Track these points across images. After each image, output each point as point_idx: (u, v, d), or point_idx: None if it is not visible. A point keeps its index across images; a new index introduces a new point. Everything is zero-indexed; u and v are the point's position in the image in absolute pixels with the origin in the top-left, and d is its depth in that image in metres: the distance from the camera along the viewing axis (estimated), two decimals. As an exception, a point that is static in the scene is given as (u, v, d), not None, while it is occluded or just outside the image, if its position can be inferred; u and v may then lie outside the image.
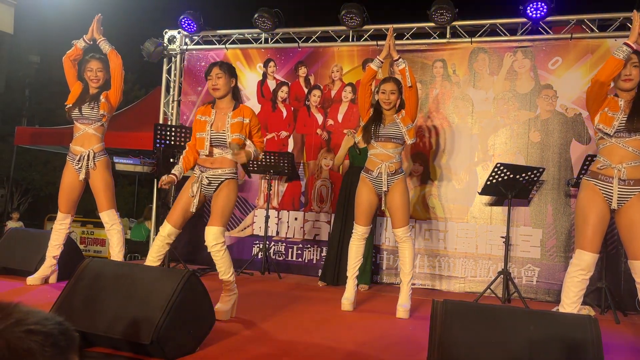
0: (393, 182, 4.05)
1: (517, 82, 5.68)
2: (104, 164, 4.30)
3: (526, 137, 5.59)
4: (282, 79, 6.52)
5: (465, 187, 5.73)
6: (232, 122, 3.56)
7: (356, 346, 3.17)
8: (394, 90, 4.06)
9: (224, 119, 3.58)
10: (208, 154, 3.58)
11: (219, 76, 3.58)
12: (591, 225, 3.20)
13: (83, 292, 2.83)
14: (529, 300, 4.94)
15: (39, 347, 0.82)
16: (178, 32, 6.88)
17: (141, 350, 2.62)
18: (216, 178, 3.57)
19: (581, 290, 3.26)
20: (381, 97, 4.08)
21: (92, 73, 4.26)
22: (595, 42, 5.48)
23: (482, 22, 5.82)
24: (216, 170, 3.57)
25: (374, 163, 4.07)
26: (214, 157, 3.58)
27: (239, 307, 3.71)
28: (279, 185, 6.39)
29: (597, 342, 2.19)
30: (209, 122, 3.58)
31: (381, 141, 4.05)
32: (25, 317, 0.84)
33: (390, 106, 4.07)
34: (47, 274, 4.34)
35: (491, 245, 5.58)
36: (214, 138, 3.56)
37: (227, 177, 3.58)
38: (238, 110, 3.62)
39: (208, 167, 3.58)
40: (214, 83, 3.58)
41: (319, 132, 6.32)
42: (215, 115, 3.61)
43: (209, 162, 3.58)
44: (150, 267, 3.30)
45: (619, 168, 3.18)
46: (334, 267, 5.46)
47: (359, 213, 4.17)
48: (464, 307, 2.50)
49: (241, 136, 3.56)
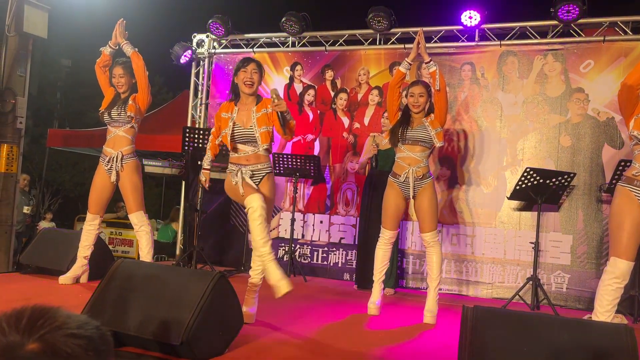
0: (421, 186, 4.01)
1: (547, 86, 5.59)
2: (133, 166, 4.37)
3: (556, 142, 5.50)
4: (309, 83, 6.54)
5: (493, 191, 5.66)
6: (258, 115, 3.53)
7: (384, 352, 3.15)
8: (422, 93, 4.03)
9: (249, 114, 3.56)
10: (235, 150, 3.57)
11: (255, 72, 3.55)
12: (626, 232, 3.13)
13: (114, 292, 2.87)
14: (558, 308, 4.85)
15: (82, 352, 0.83)
16: (206, 36, 6.96)
17: (171, 351, 2.65)
18: (257, 172, 3.55)
19: (615, 299, 3.19)
20: (410, 100, 4.06)
21: (116, 79, 4.37)
22: (628, 45, 5.37)
23: (511, 25, 5.76)
24: (255, 166, 3.55)
25: (402, 167, 4.03)
26: (249, 155, 3.55)
27: (265, 310, 3.72)
28: (305, 188, 6.40)
29: (633, 352, 2.13)
30: (232, 118, 3.56)
31: (409, 144, 4.02)
32: (67, 321, 0.85)
33: (419, 109, 4.04)
34: (79, 273, 4.42)
35: (519, 251, 5.50)
36: (239, 134, 3.53)
37: (267, 171, 3.58)
38: (261, 103, 3.60)
39: (244, 164, 3.55)
40: (250, 77, 3.52)
41: (345, 136, 6.32)
42: (238, 112, 3.58)
43: (244, 159, 3.56)
44: (180, 269, 3.34)
45: None
46: (361, 271, 5.45)
47: (387, 217, 4.13)
48: (495, 313, 2.46)
49: (269, 128, 3.54)
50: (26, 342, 0.81)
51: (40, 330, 0.82)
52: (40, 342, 0.81)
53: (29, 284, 4.33)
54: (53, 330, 0.82)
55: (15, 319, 0.84)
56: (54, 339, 0.82)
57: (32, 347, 0.81)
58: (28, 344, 0.81)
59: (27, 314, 0.84)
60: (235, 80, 3.59)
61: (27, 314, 0.84)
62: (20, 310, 0.85)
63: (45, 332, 0.82)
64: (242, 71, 3.55)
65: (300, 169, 5.95)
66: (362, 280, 5.40)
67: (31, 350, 0.80)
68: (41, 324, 0.83)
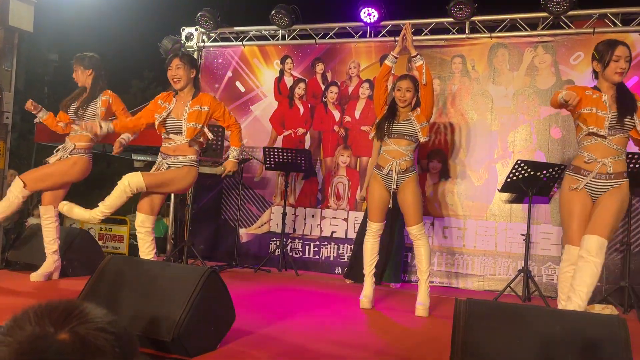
0: (404, 180, 4.01)
1: (537, 78, 5.60)
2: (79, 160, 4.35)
3: (547, 134, 5.51)
4: (299, 76, 6.50)
5: (484, 184, 5.67)
6: (190, 110, 3.69)
7: (378, 345, 3.15)
8: (409, 87, 4.02)
9: (184, 107, 3.71)
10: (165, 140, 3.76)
11: (179, 67, 3.68)
12: (576, 219, 3.24)
13: (104, 288, 2.84)
14: (549, 299, 4.86)
15: (110, 346, 0.85)
16: (195, 29, 6.89)
17: (162, 347, 2.63)
18: (177, 164, 3.72)
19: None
20: (397, 94, 4.04)
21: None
22: (618, 37, 5.35)
23: (501, 17, 5.74)
24: (177, 158, 3.71)
25: (386, 160, 4.04)
26: (176, 145, 3.72)
27: (259, 303, 3.70)
28: (296, 182, 6.38)
29: (626, 343, 2.14)
30: (168, 109, 3.72)
31: (394, 138, 4.02)
32: (99, 316, 0.88)
33: (406, 104, 4.04)
34: (51, 270, 4.35)
35: (511, 243, 5.51)
36: (170, 124, 3.72)
37: (187, 164, 3.72)
38: (196, 99, 3.74)
39: (170, 155, 3.73)
40: (175, 73, 3.68)
41: (336, 129, 6.29)
42: (176, 104, 3.74)
43: (171, 149, 3.74)
44: (171, 264, 3.32)
45: (605, 162, 3.21)
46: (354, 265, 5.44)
47: (372, 209, 4.14)
48: (487, 306, 2.46)
49: (197, 125, 3.68)
50: (58, 332, 0.83)
51: (72, 322, 0.85)
52: (71, 333, 0.84)
53: (18, 281, 4.28)
54: (84, 323, 0.85)
55: (49, 310, 0.87)
56: (84, 332, 0.85)
57: (63, 337, 0.83)
58: (60, 334, 0.83)
59: (61, 306, 0.88)
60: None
61: (62, 306, 0.88)
62: (55, 303, 0.89)
63: (76, 324, 0.85)
64: (168, 69, 3.74)
65: (291, 163, 5.92)
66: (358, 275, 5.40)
67: (62, 341, 0.83)
68: (73, 317, 0.86)
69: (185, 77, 3.69)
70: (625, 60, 3.24)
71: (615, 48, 3.25)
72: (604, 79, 3.32)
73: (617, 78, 3.25)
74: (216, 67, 6.79)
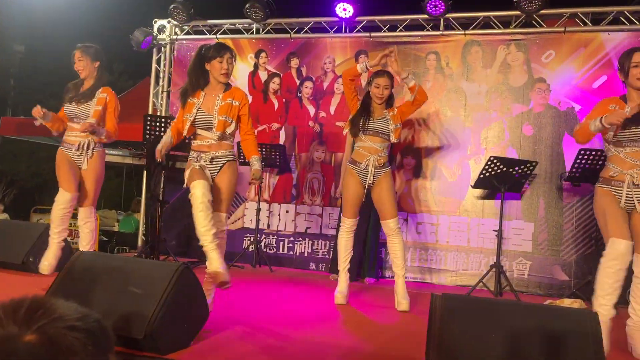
0: (380, 175, 4.03)
1: (510, 76, 5.67)
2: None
3: (519, 131, 5.59)
4: (274, 70, 6.45)
5: (457, 180, 5.72)
6: (221, 104, 3.41)
7: (352, 341, 3.14)
8: (387, 85, 4.02)
9: (215, 100, 3.43)
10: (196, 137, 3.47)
11: (230, 62, 3.42)
12: (614, 216, 3.11)
13: (73, 285, 2.76)
14: (520, 294, 4.94)
15: (81, 345, 0.80)
16: (168, 22, 6.78)
17: (134, 345, 2.56)
18: (218, 159, 3.43)
19: (616, 282, 3.05)
20: (374, 90, 4.04)
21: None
22: (588, 36, 5.48)
23: (475, 15, 5.80)
24: (216, 153, 3.43)
25: (362, 155, 4.04)
26: (211, 142, 3.42)
27: (232, 300, 3.66)
28: (271, 177, 6.33)
29: (598, 336, 2.17)
30: (197, 104, 3.43)
31: (370, 134, 4.03)
32: (67, 312, 0.82)
33: (382, 100, 4.05)
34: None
35: (483, 238, 5.58)
36: (201, 119, 3.41)
37: (228, 159, 3.45)
38: (229, 92, 3.47)
39: (205, 151, 3.44)
40: (227, 67, 3.40)
41: (311, 124, 6.26)
42: (205, 98, 3.45)
43: (205, 146, 3.44)
44: (143, 261, 3.25)
45: (631, 173, 3.13)
46: None
47: (347, 206, 4.13)
48: (463, 301, 2.47)
49: (227, 118, 3.40)
50: (24, 333, 0.78)
51: (39, 321, 0.79)
52: (38, 334, 0.78)
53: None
54: (52, 322, 0.80)
55: (13, 309, 0.80)
56: (52, 331, 0.79)
57: (29, 339, 0.77)
58: (26, 335, 0.78)
59: (25, 304, 0.81)
60: (207, 67, 3.46)
61: (26, 304, 0.81)
62: (18, 301, 0.82)
63: (43, 323, 0.79)
64: (217, 60, 3.40)
65: (265, 158, 5.87)
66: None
67: (29, 342, 0.77)
68: (40, 315, 0.80)
69: (231, 72, 3.47)
70: None
71: (632, 54, 3.19)
72: (630, 87, 3.24)
73: (639, 84, 3.17)
74: (189, 60, 6.66)
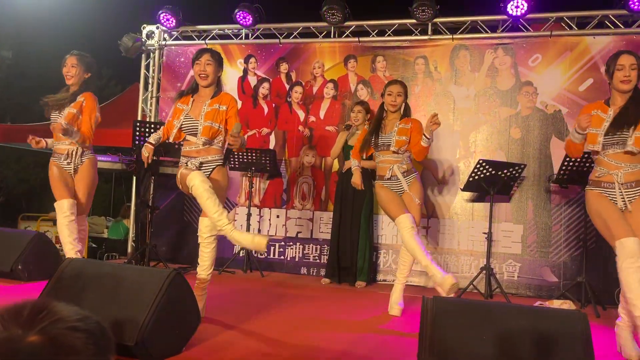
0: (409, 181, 3.98)
1: (498, 79, 5.72)
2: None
3: (507, 134, 5.64)
4: (263, 75, 6.46)
5: (447, 183, 5.75)
6: (208, 110, 3.41)
7: (344, 345, 3.14)
8: (400, 92, 4.02)
9: (202, 106, 3.44)
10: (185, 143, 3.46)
11: (209, 63, 3.44)
12: (613, 217, 3.07)
13: (63, 292, 2.75)
14: (510, 296, 4.98)
15: (82, 344, 0.83)
16: (157, 27, 6.77)
17: (126, 352, 2.55)
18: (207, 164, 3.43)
19: None
20: (387, 99, 4.02)
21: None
22: (574, 40, 5.55)
23: (463, 19, 5.85)
24: (205, 157, 3.43)
25: (384, 168, 4.00)
26: (199, 147, 3.43)
27: (223, 306, 3.65)
28: (261, 182, 6.33)
29: (587, 337, 2.20)
30: (185, 110, 3.45)
31: (382, 150, 4.01)
32: (68, 314, 0.85)
33: (396, 108, 4.03)
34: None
35: (473, 241, 5.61)
36: (187, 125, 3.42)
37: (217, 163, 3.45)
38: (217, 98, 3.48)
39: (194, 157, 3.44)
40: (203, 69, 3.42)
41: (300, 129, 6.28)
42: (193, 104, 3.47)
43: (194, 152, 3.45)
44: (133, 267, 3.23)
45: (616, 173, 3.13)
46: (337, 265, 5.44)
47: (394, 208, 3.88)
48: (454, 303, 2.49)
49: (214, 124, 3.39)
50: (27, 334, 0.81)
51: (42, 322, 0.82)
52: (41, 335, 0.81)
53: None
54: (54, 323, 0.83)
55: (15, 312, 0.84)
56: (55, 332, 0.82)
57: (32, 340, 0.80)
58: (29, 336, 0.80)
59: (28, 307, 0.85)
60: (192, 73, 3.50)
61: (28, 307, 0.85)
62: (20, 304, 0.85)
63: (46, 324, 0.82)
64: (196, 64, 3.46)
65: (255, 163, 5.87)
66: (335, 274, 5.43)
67: (32, 343, 0.80)
68: (42, 317, 0.83)
69: (213, 75, 3.44)
70: (631, 68, 3.13)
71: (618, 57, 3.19)
72: (614, 90, 3.24)
73: (623, 86, 3.15)
74: (178, 65, 6.68)
